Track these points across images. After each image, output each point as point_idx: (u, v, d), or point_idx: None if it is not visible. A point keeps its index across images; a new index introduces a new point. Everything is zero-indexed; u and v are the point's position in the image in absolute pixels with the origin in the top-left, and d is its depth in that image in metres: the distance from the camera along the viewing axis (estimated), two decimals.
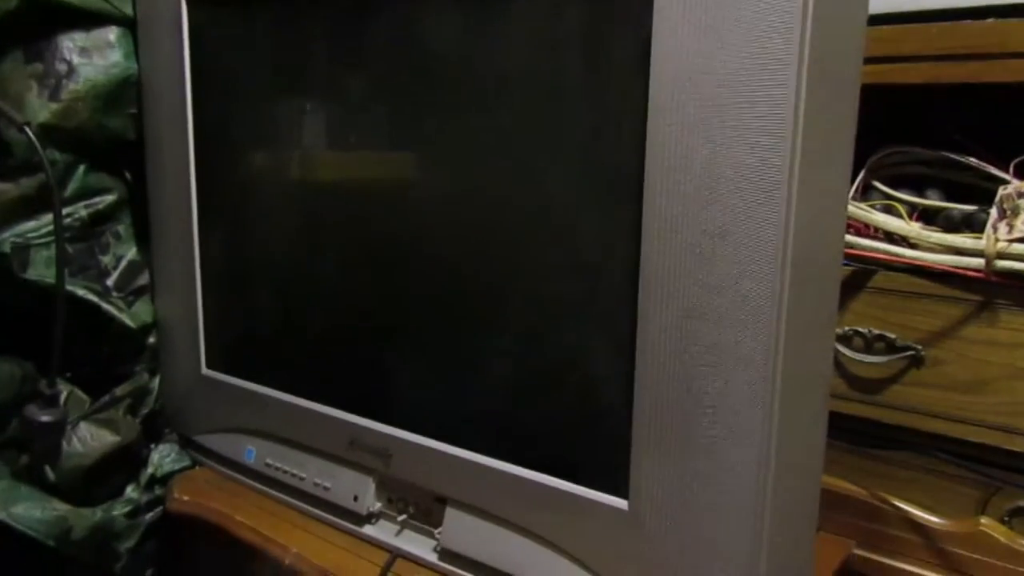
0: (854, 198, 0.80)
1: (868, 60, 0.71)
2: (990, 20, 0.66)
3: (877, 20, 0.72)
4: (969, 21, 0.67)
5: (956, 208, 0.74)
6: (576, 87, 0.49)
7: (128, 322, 0.74)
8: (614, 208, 0.47)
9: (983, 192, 0.73)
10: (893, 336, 0.72)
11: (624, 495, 0.48)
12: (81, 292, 0.72)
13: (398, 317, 0.60)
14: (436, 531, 0.59)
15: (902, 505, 0.67)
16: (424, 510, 0.60)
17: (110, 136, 0.72)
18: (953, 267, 0.68)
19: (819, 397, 0.49)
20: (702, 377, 0.44)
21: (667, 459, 0.46)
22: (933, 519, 0.66)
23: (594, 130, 0.48)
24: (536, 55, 0.50)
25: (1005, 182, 0.72)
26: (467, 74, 0.53)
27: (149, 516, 0.73)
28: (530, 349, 0.54)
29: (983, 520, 0.65)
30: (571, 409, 0.52)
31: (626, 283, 0.46)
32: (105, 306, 0.73)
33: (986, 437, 0.68)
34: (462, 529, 0.57)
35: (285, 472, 0.67)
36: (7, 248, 0.69)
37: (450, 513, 0.58)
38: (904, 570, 0.67)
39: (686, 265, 0.44)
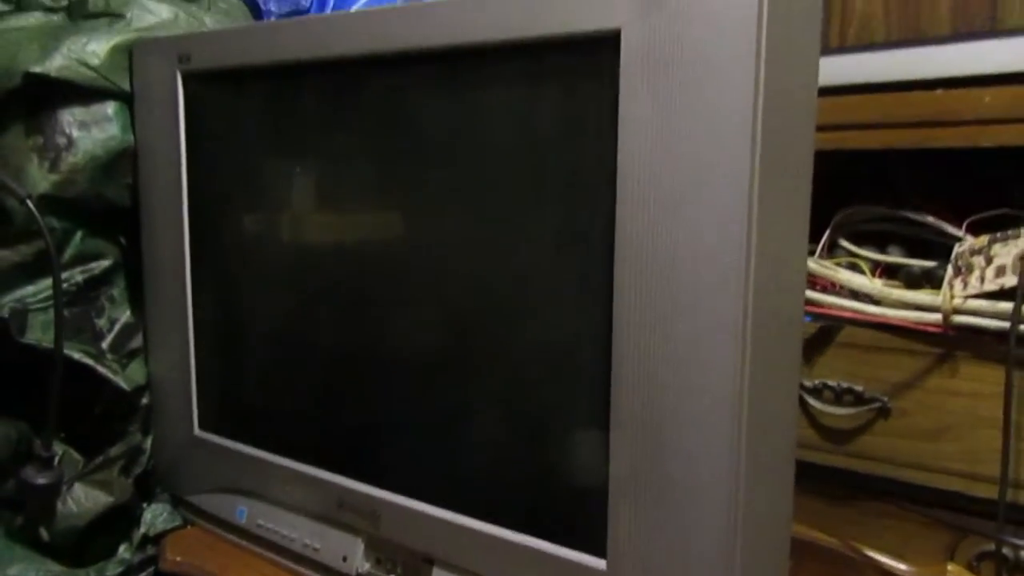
0: (821, 255, 0.84)
1: (828, 127, 0.76)
2: (938, 91, 0.71)
3: (837, 91, 0.76)
4: (920, 91, 0.71)
5: (916, 264, 0.77)
6: (548, 172, 0.52)
7: (122, 383, 0.76)
8: (586, 286, 0.50)
9: (942, 248, 0.77)
10: (860, 388, 0.75)
11: (602, 554, 0.51)
12: (77, 355, 0.74)
13: (384, 383, 0.62)
14: None
15: (872, 553, 0.70)
16: (412, 570, 0.62)
17: (107, 204, 0.75)
18: (914, 322, 0.72)
19: (785, 449, 0.51)
20: (672, 442, 0.47)
21: (641, 518, 0.49)
22: (901, 567, 0.69)
23: (566, 213, 0.52)
24: (511, 141, 0.54)
25: (961, 239, 0.76)
26: (447, 152, 0.57)
27: None
28: (509, 416, 0.56)
29: (950, 566, 0.68)
30: (550, 473, 0.54)
31: (599, 355, 0.49)
32: (100, 368, 0.75)
33: (951, 484, 0.71)
34: None
35: (276, 532, 0.69)
36: (5, 312, 0.71)
37: (437, 574, 0.60)
38: None
39: (653, 337, 0.47)
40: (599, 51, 0.47)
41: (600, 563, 0.51)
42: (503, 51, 0.52)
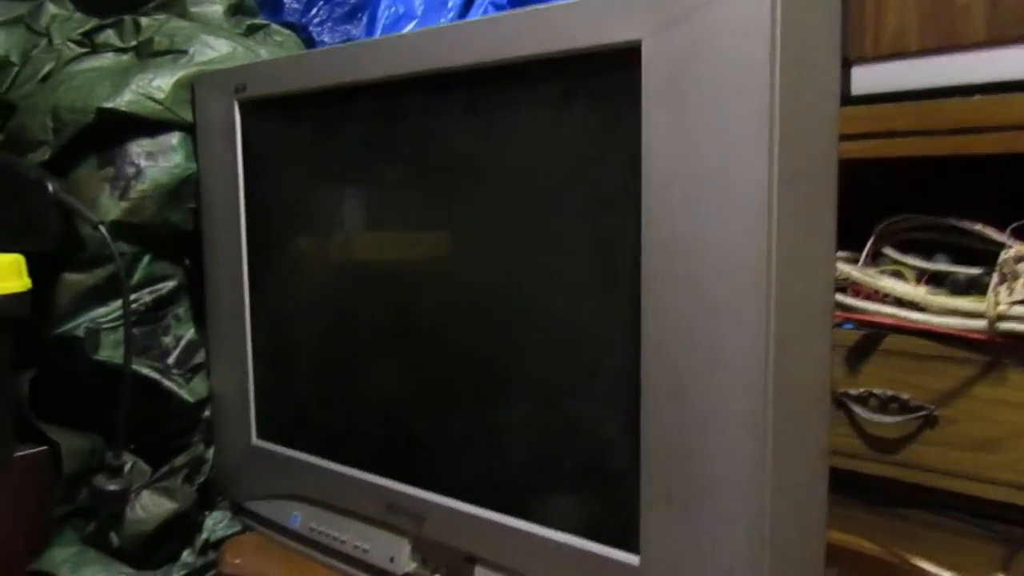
0: (864, 264, 0.83)
1: (864, 136, 0.76)
2: (975, 97, 0.70)
3: (873, 99, 0.77)
4: (956, 99, 0.71)
5: (962, 272, 0.77)
6: (578, 189, 0.55)
7: (186, 397, 0.81)
8: (615, 292, 0.52)
9: (988, 255, 0.76)
10: (906, 397, 0.74)
11: (635, 550, 0.52)
12: (145, 371, 0.78)
13: (429, 392, 0.65)
14: None
15: (920, 563, 0.69)
16: (455, 569, 0.64)
17: (172, 229, 0.80)
18: (958, 329, 0.71)
19: (815, 451, 0.52)
20: (700, 443, 0.48)
21: (672, 516, 0.50)
22: None
23: (594, 222, 0.54)
24: (545, 161, 0.56)
25: (1006, 246, 0.75)
26: (486, 175, 0.60)
27: None
28: (547, 420, 0.58)
29: None
30: (585, 474, 0.56)
31: (629, 360, 0.51)
32: (166, 383, 0.80)
33: (1002, 495, 0.69)
34: None
35: (327, 536, 0.72)
36: (81, 332, 0.77)
37: (480, 572, 0.62)
38: None
39: (680, 340, 0.48)
40: (621, 63, 0.49)
41: (634, 559, 0.52)
42: (531, 67, 0.55)
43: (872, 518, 0.76)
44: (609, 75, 0.51)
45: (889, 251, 0.83)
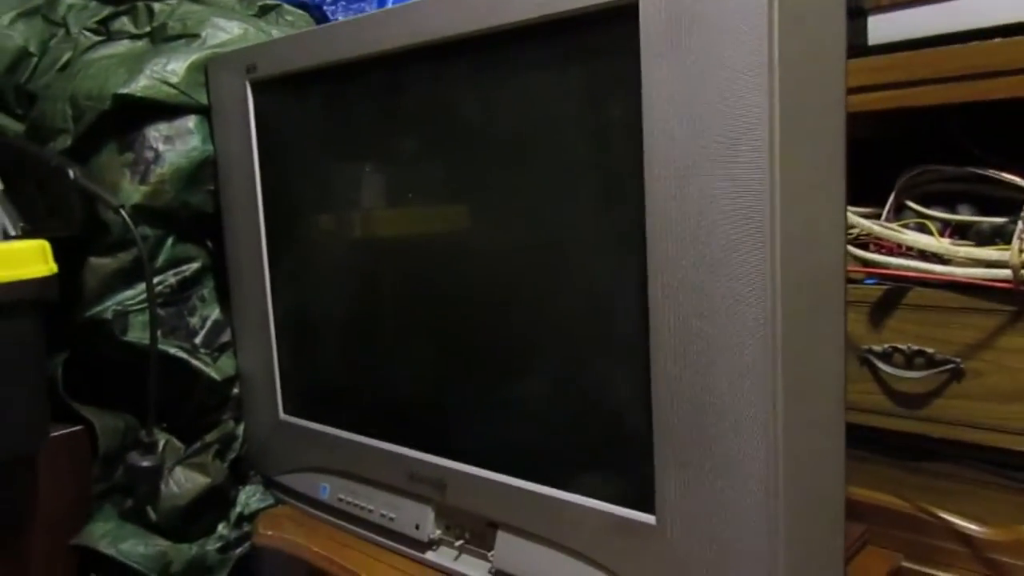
0: (887, 218, 0.82)
1: (883, 86, 0.75)
2: (996, 40, 0.68)
3: (890, 48, 0.75)
4: (976, 42, 0.69)
5: (986, 221, 0.75)
6: (583, 152, 0.55)
7: (214, 375, 0.82)
8: (621, 251, 0.52)
9: (1015, 203, 0.74)
10: (932, 351, 0.73)
11: (651, 510, 0.52)
12: (173, 351, 0.80)
13: (447, 361, 0.66)
14: (489, 554, 0.63)
15: (947, 516, 0.68)
16: (478, 535, 0.65)
17: (192, 211, 0.82)
18: (983, 280, 0.70)
19: (831, 406, 0.51)
20: (710, 401, 0.48)
21: (686, 475, 0.50)
22: (978, 529, 0.67)
23: (599, 188, 0.54)
24: (551, 128, 0.56)
25: None
26: (496, 141, 0.60)
27: (238, 551, 0.80)
28: (562, 386, 0.59)
29: None
30: (601, 437, 0.56)
31: (638, 321, 0.51)
32: (194, 362, 0.82)
33: None
34: (512, 551, 0.62)
35: (355, 505, 0.73)
36: (109, 315, 0.79)
37: (501, 536, 0.62)
38: None
39: (687, 297, 0.48)
40: (619, 20, 0.49)
41: (650, 519, 0.52)
42: (532, 30, 0.54)
43: (898, 474, 0.75)
44: (608, 33, 0.50)
45: (912, 204, 0.81)
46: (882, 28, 0.77)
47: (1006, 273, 0.68)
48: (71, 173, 0.74)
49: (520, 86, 0.58)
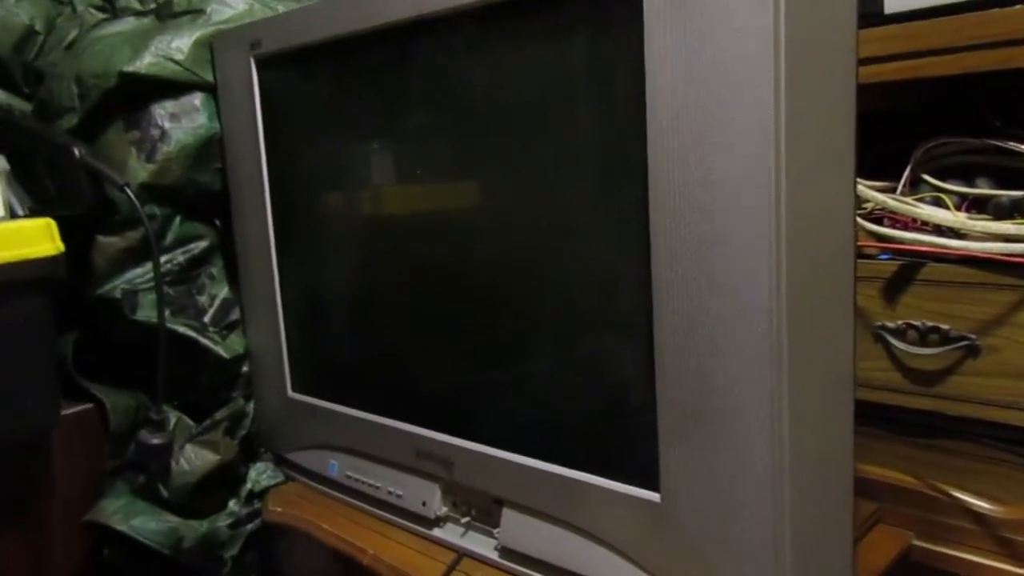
0: (903, 192, 0.80)
1: (900, 56, 0.73)
2: (1018, 6, 0.66)
3: (903, 17, 0.73)
4: (996, 9, 0.67)
5: (1005, 195, 0.73)
6: (587, 123, 0.54)
7: (223, 354, 0.83)
8: (625, 223, 0.51)
9: None
10: (947, 327, 0.72)
11: (655, 488, 0.52)
12: (182, 329, 0.81)
13: (454, 339, 0.65)
14: (495, 531, 0.63)
15: (958, 494, 0.67)
16: (484, 512, 0.65)
17: (200, 189, 0.81)
18: (1000, 254, 0.68)
19: (839, 380, 0.50)
20: (713, 376, 0.47)
21: (690, 452, 0.49)
22: (990, 507, 0.66)
23: (604, 161, 0.53)
24: (555, 100, 0.55)
25: None
26: (498, 116, 0.59)
27: (249, 527, 0.81)
28: (566, 362, 0.58)
29: None
30: (606, 413, 0.56)
31: (641, 293, 0.50)
32: (203, 340, 0.82)
33: None
34: (518, 528, 0.61)
35: (363, 483, 0.74)
36: (119, 293, 0.79)
37: (507, 514, 0.62)
38: (963, 559, 0.67)
39: (691, 272, 0.47)
40: None
41: (655, 496, 0.52)
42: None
43: (912, 451, 0.74)
44: (611, 3, 0.49)
45: (928, 178, 0.79)
46: None
47: (1023, 248, 0.67)
48: (76, 152, 0.74)
49: (526, 57, 0.57)
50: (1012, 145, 0.74)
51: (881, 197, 0.77)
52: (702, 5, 0.45)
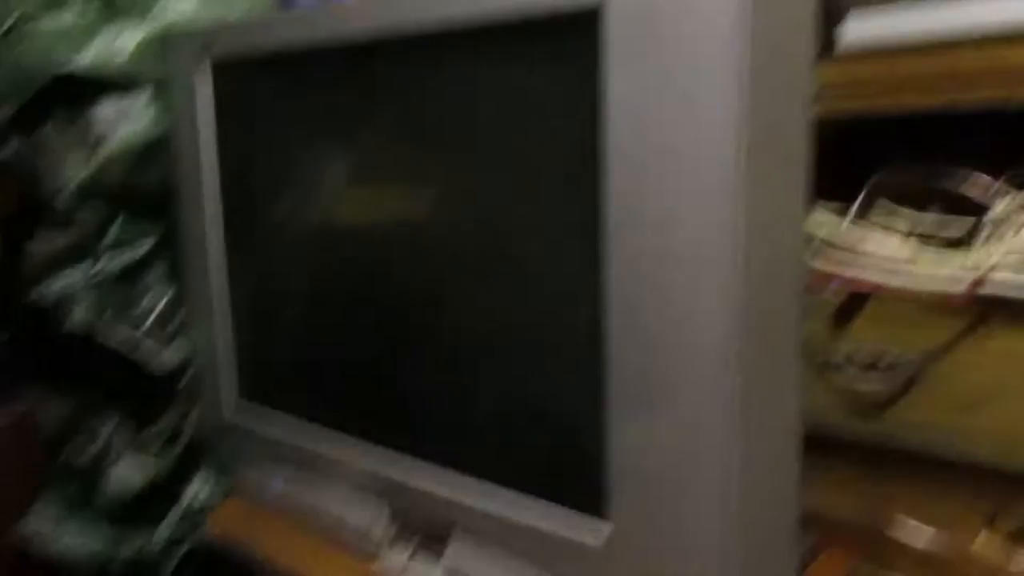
0: (856, 217, 0.81)
1: (858, 90, 0.74)
2: (970, 47, 0.68)
3: (864, 52, 0.74)
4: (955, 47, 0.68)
5: (955, 221, 0.75)
6: (544, 151, 0.53)
7: (165, 360, 0.80)
8: (581, 255, 0.51)
9: (982, 207, 0.74)
10: (891, 358, 0.73)
11: (607, 517, 0.51)
12: (120, 335, 0.78)
13: (399, 352, 0.64)
14: (443, 554, 0.62)
15: (904, 524, 0.69)
16: (432, 535, 0.64)
17: (144, 191, 0.79)
18: (943, 289, 0.70)
19: (787, 413, 0.51)
20: (666, 408, 0.47)
21: (643, 483, 0.49)
22: (934, 537, 0.67)
23: (561, 177, 0.52)
24: (514, 120, 0.54)
25: (997, 198, 0.73)
26: (455, 137, 0.58)
27: (186, 544, 0.79)
28: (516, 386, 0.57)
29: (983, 536, 0.66)
30: (556, 439, 0.55)
31: (594, 314, 0.50)
32: (143, 346, 0.79)
33: (987, 455, 0.68)
34: (465, 553, 0.61)
35: (309, 500, 0.72)
36: (52, 298, 0.76)
37: (455, 537, 0.61)
38: None
39: (642, 297, 0.47)
40: (584, 24, 0.47)
41: (606, 526, 0.51)
42: (499, 25, 0.52)
43: (855, 483, 0.75)
44: (571, 36, 0.49)
45: (881, 204, 0.81)
46: (857, 31, 0.76)
47: (970, 277, 0.68)
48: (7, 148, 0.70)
49: (485, 79, 0.55)
50: (961, 175, 0.76)
51: (827, 231, 0.78)
52: (663, 44, 0.44)
